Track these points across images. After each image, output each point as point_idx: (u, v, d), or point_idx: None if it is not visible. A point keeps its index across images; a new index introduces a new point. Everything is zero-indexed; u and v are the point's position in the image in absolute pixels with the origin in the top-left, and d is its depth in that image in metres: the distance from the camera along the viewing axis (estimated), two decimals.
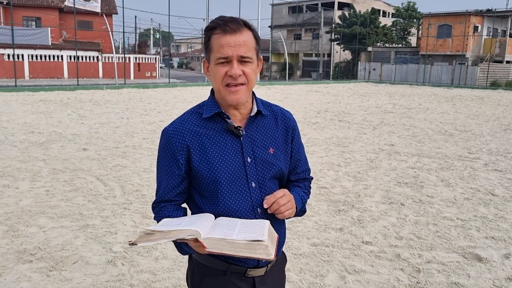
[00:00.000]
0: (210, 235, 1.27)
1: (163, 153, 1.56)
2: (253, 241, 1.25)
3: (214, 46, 1.46)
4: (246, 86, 1.48)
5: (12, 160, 7.02)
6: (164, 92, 21.85)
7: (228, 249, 1.25)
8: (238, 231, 1.31)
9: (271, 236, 1.32)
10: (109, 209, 4.94)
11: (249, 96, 1.55)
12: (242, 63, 1.46)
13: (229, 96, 1.47)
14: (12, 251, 3.80)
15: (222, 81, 1.47)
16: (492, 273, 3.63)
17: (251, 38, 1.48)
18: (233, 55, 1.44)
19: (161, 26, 50.35)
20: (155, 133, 9.82)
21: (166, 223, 1.36)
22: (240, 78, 1.46)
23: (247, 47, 1.46)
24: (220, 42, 1.44)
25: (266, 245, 1.25)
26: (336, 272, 3.58)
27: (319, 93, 23.50)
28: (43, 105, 14.71)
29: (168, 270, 3.55)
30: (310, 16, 46.68)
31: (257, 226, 1.36)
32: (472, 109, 16.95)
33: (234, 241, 1.25)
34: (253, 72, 1.49)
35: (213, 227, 1.34)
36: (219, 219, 1.44)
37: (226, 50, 1.43)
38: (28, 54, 28.24)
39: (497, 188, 6.14)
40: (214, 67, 1.48)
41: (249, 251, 1.25)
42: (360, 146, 8.97)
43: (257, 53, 1.52)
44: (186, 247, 1.43)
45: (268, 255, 1.25)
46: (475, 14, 35.08)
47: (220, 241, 1.25)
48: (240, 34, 1.45)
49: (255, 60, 1.51)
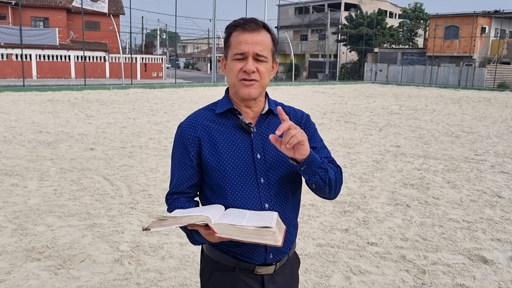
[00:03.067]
0: (220, 221, 1.32)
1: (177, 145, 1.63)
2: (261, 227, 1.30)
3: (233, 43, 1.53)
4: (259, 83, 1.53)
5: (21, 160, 7.09)
6: (170, 93, 21.93)
7: (237, 235, 1.29)
8: (247, 219, 1.36)
9: (279, 226, 1.36)
10: (116, 208, 4.98)
11: (262, 94, 1.60)
12: (257, 61, 1.51)
13: (242, 89, 1.52)
14: (20, 250, 3.85)
15: (237, 76, 1.52)
16: (498, 275, 3.62)
17: (268, 39, 1.54)
18: (249, 52, 1.50)
19: (168, 27, 50.60)
20: (161, 133, 9.87)
21: (178, 213, 1.42)
22: (253, 75, 1.50)
23: (263, 46, 1.52)
24: (239, 39, 1.51)
25: (274, 231, 1.30)
26: (341, 273, 3.59)
27: (325, 94, 23.48)
28: (50, 105, 14.82)
29: (174, 269, 3.58)
30: (316, 17, 46.64)
31: (266, 215, 1.41)
32: (479, 110, 16.87)
33: (244, 227, 1.30)
34: (266, 71, 1.54)
35: (223, 215, 1.40)
36: (229, 209, 1.49)
37: (243, 47, 1.50)
38: (36, 54, 28.46)
39: (504, 190, 6.12)
40: (230, 62, 1.54)
41: (258, 237, 1.29)
42: (366, 147, 8.96)
43: (273, 54, 1.57)
44: (197, 236, 1.46)
45: (276, 241, 1.29)
46: (482, 15, 34.90)
47: (230, 227, 1.30)
48: (258, 33, 1.52)
49: (270, 61, 1.56)
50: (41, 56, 28.80)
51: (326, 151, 1.67)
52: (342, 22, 43.68)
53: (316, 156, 1.48)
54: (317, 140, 1.67)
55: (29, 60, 28.02)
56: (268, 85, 1.60)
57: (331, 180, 1.53)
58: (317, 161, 1.47)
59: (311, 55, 48.72)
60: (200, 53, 74.16)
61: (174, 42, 52.16)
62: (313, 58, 48.69)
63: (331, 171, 1.55)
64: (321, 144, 1.67)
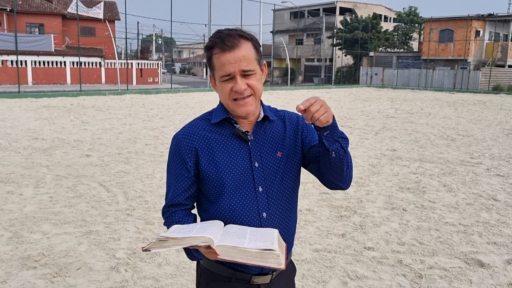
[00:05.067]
0: (222, 243, 1.30)
1: (172, 157, 1.60)
2: (264, 250, 1.28)
3: (216, 65, 1.50)
4: (253, 97, 1.51)
5: (16, 167, 7.06)
6: (166, 98, 21.92)
7: (240, 257, 1.27)
8: (249, 239, 1.34)
9: (280, 245, 1.35)
10: (112, 215, 4.96)
11: (258, 104, 1.58)
12: (245, 76, 1.48)
13: (239, 109, 1.51)
14: (16, 258, 3.83)
15: (229, 97, 1.51)
16: (494, 278, 3.63)
17: (250, 49, 1.50)
18: (235, 71, 1.46)
19: (164, 32, 50.67)
20: (157, 139, 9.86)
21: (178, 230, 1.38)
22: (246, 92, 1.49)
23: (248, 61, 1.48)
24: (221, 60, 1.48)
25: (277, 255, 1.28)
26: (338, 278, 3.59)
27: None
28: (46, 111, 14.79)
29: (171, 276, 3.57)
30: (312, 21, 46.80)
31: (267, 234, 1.39)
32: (474, 113, 16.95)
33: (246, 249, 1.28)
34: (258, 83, 1.52)
35: (224, 235, 1.37)
36: (228, 226, 1.46)
37: (227, 68, 1.46)
38: (31, 60, 28.43)
39: (500, 193, 6.14)
40: (219, 84, 1.52)
41: (261, 260, 1.28)
42: (362, 151, 8.98)
43: (259, 62, 1.54)
44: (196, 253, 1.45)
45: (279, 265, 1.28)
46: (476, 19, 35.12)
47: (233, 249, 1.28)
48: (238, 49, 1.47)
49: (258, 70, 1.53)
50: (36, 62, 28.78)
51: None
52: (337, 26, 43.85)
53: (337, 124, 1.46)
54: (316, 138, 1.65)
55: (24, 66, 27.99)
56: (262, 91, 1.59)
57: (348, 154, 1.51)
58: (338, 130, 1.46)
59: (306, 59, 48.84)
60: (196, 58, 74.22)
61: (169, 47, 52.17)
62: (309, 62, 48.81)
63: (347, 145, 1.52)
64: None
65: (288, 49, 39.29)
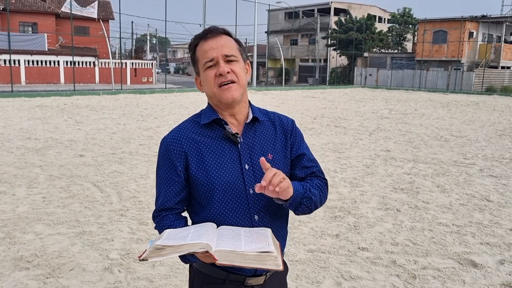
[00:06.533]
0: (219, 247, 1.29)
1: (162, 161, 1.58)
2: (262, 252, 1.28)
3: (200, 54, 1.55)
4: (237, 84, 1.52)
5: (9, 167, 7.01)
6: (160, 98, 21.87)
7: (239, 261, 1.27)
8: (244, 242, 1.33)
9: (275, 245, 1.35)
10: (106, 215, 4.94)
11: (245, 97, 1.58)
12: (228, 62, 1.52)
13: (224, 94, 1.51)
14: (8, 258, 3.80)
15: (214, 83, 1.52)
16: (487, 279, 3.65)
17: (232, 42, 1.56)
18: (217, 56, 1.51)
19: (158, 32, 50.32)
20: (152, 139, 9.83)
21: (172, 236, 1.36)
22: (229, 75, 1.51)
23: (229, 47, 1.53)
24: (204, 48, 1.53)
25: (275, 256, 1.28)
26: (332, 279, 3.60)
27: (316, 99, 23.56)
28: (39, 111, 14.70)
29: (165, 276, 3.56)
30: (306, 21, 46.85)
31: (261, 235, 1.39)
32: (468, 114, 17.04)
33: (244, 253, 1.28)
34: (242, 71, 1.55)
35: (219, 238, 1.36)
36: (221, 228, 1.45)
37: (210, 53, 1.51)
38: (24, 60, 28.25)
39: (492, 194, 6.17)
40: (203, 74, 1.54)
41: (259, 262, 1.28)
42: (356, 152, 9.00)
43: (242, 55, 1.58)
44: (191, 257, 1.44)
45: (277, 266, 1.28)
46: (470, 20, 35.31)
47: (231, 253, 1.27)
48: (220, 37, 1.54)
49: (241, 60, 1.56)
50: (29, 61, 28.60)
51: (313, 160, 1.68)
52: (331, 27, 43.95)
53: (299, 188, 1.50)
54: (304, 147, 1.68)
55: (17, 65, 27.80)
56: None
57: (316, 203, 1.58)
58: (300, 193, 1.50)
59: (301, 59, 48.89)
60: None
61: (164, 47, 52.06)
62: (303, 62, 48.87)
63: (315, 192, 1.57)
64: (307, 152, 1.68)
65: (283, 50, 39.32)
